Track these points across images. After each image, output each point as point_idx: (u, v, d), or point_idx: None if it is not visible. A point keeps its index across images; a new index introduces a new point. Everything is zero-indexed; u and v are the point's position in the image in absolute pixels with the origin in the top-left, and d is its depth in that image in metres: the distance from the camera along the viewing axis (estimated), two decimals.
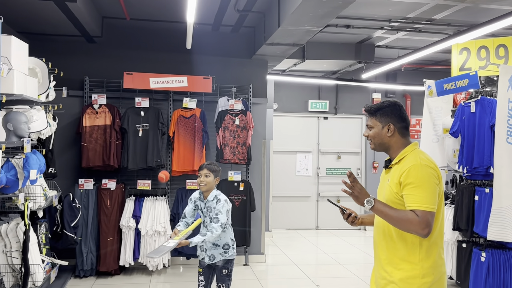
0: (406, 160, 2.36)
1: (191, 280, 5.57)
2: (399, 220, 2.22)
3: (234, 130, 5.95)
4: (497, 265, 4.70)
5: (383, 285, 2.38)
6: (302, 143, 9.30)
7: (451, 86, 5.27)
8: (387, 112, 2.45)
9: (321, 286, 5.46)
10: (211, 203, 3.59)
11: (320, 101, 9.26)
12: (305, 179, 9.35)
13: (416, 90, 9.19)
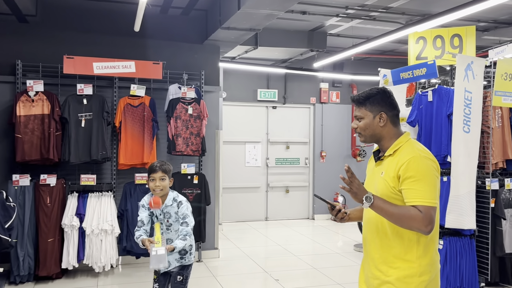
0: (402, 151, 2.19)
1: (141, 281, 5.21)
2: (401, 217, 2.06)
3: (187, 120, 5.60)
4: (454, 252, 4.77)
5: (377, 285, 2.21)
6: (251, 133, 9.09)
7: (408, 75, 5.25)
8: (377, 99, 2.26)
9: (280, 279, 5.30)
10: (170, 208, 3.21)
11: (269, 90, 9.08)
12: (255, 169, 9.17)
13: (363, 80, 9.29)
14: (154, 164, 3.19)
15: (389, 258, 2.18)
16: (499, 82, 4.86)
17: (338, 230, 8.43)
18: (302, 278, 5.44)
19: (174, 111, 5.55)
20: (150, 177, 3.17)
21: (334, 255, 6.54)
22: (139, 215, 3.24)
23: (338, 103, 9.48)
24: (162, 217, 3.22)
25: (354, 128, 2.36)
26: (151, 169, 3.18)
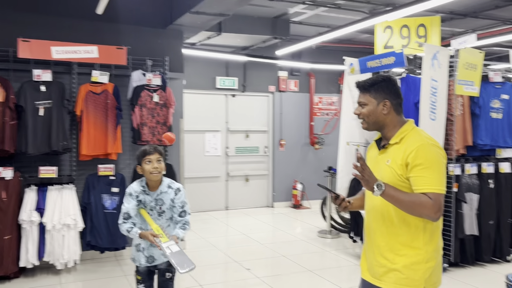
0: (409, 139, 2.19)
1: (106, 276, 4.99)
2: (411, 204, 2.06)
3: (152, 108, 5.38)
4: None
5: (383, 273, 2.22)
6: (210, 121, 8.93)
7: (376, 63, 5.34)
8: (382, 87, 2.25)
9: (251, 268, 5.27)
10: (165, 195, 3.03)
11: (228, 78, 8.94)
12: (214, 159, 9.04)
13: (322, 68, 9.37)
14: (147, 147, 3.01)
15: (396, 246, 2.19)
16: (461, 72, 5.05)
17: (297, 217, 8.52)
18: (273, 266, 5.44)
19: (139, 99, 5.31)
20: (145, 160, 2.96)
21: (300, 242, 6.60)
22: (125, 205, 2.99)
23: (297, 92, 9.52)
24: (154, 204, 3.02)
25: (357, 114, 2.33)
26: (144, 152, 2.98)
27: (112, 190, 5.19)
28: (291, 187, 9.41)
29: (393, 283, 2.18)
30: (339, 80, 9.85)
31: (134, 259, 3.11)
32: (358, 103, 2.32)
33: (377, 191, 2.08)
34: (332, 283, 4.84)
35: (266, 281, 4.85)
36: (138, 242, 3.07)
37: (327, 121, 9.76)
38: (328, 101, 9.83)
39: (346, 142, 6.01)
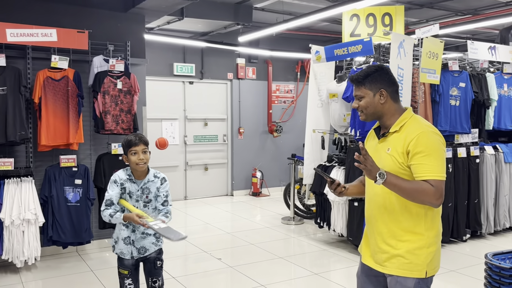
0: (409, 127, 2.21)
1: (71, 273, 4.75)
2: (413, 191, 2.08)
3: (116, 95, 5.13)
4: None
5: (386, 258, 2.24)
6: (167, 109, 8.70)
7: (343, 51, 5.38)
8: (376, 77, 2.26)
9: (222, 258, 5.22)
10: (151, 184, 2.96)
11: (185, 64, 8.73)
12: (172, 148, 8.82)
13: (278, 56, 9.37)
14: (132, 137, 2.91)
15: (398, 232, 2.21)
16: (424, 60, 5.21)
17: (257, 204, 8.54)
18: (244, 254, 5.41)
19: (102, 86, 5.05)
20: (131, 151, 2.88)
21: (265, 229, 6.61)
22: (109, 192, 2.91)
23: (255, 79, 9.47)
24: (140, 193, 2.94)
25: (355, 107, 2.33)
26: (130, 143, 2.89)
27: (75, 182, 4.93)
28: (250, 175, 9.40)
29: (396, 268, 2.21)
30: (296, 68, 9.92)
31: (123, 252, 2.98)
32: (355, 96, 2.32)
33: (380, 180, 2.09)
34: (305, 268, 4.89)
35: (240, 270, 4.82)
36: (126, 235, 2.97)
37: (285, 109, 9.80)
38: (285, 88, 9.87)
39: (312, 130, 6.06)
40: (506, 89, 6.13)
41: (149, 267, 3.05)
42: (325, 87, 6.01)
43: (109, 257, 5.26)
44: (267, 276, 4.67)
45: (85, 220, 4.96)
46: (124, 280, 3.01)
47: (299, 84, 9.98)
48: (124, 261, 3.00)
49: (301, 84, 9.99)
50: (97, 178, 5.09)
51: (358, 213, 5.31)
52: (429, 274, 2.18)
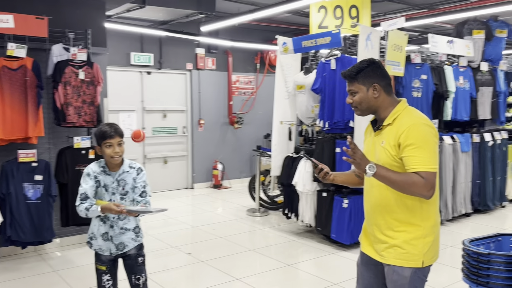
0: (401, 119, 2.23)
1: (32, 274, 4.49)
2: (404, 184, 2.11)
3: (78, 86, 4.87)
4: (356, 209, 5.18)
5: (383, 248, 2.27)
6: (125, 100, 8.38)
7: (311, 43, 5.40)
8: (368, 72, 2.26)
9: (192, 253, 5.12)
10: (127, 175, 2.84)
11: (143, 54, 8.45)
12: (130, 140, 8.49)
13: (238, 47, 9.27)
14: (107, 129, 2.77)
15: (394, 223, 2.24)
16: (390, 52, 5.31)
17: (220, 196, 8.48)
18: (214, 248, 5.34)
19: (63, 76, 4.77)
20: (105, 143, 2.75)
21: (232, 222, 6.56)
22: (82, 186, 2.77)
23: (215, 70, 9.34)
24: (116, 185, 2.81)
25: (350, 103, 2.32)
26: (104, 135, 2.75)
27: (35, 178, 4.64)
28: (211, 168, 9.29)
29: (393, 257, 2.23)
30: (256, 59, 9.87)
31: (101, 249, 2.86)
32: (348, 91, 2.31)
33: (369, 172, 2.11)
34: (277, 260, 4.89)
35: (212, 264, 4.75)
36: (104, 231, 2.85)
37: (245, 101, 9.75)
38: (245, 80, 9.81)
39: (280, 121, 6.05)
40: (462, 81, 6.39)
41: (130, 264, 2.93)
42: (292, 79, 6.01)
43: (72, 256, 5.03)
44: (240, 269, 4.63)
45: (47, 218, 4.70)
46: (101, 277, 2.90)
47: (258, 75, 9.95)
48: (101, 257, 2.90)
49: (261, 75, 9.96)
50: (59, 174, 4.83)
51: (327, 203, 5.38)
52: (426, 264, 2.22)
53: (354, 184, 2.61)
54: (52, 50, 4.87)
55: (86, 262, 4.84)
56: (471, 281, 2.94)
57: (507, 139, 7.02)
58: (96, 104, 5.00)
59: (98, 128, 2.84)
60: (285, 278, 4.50)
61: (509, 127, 7.25)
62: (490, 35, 6.70)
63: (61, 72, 4.75)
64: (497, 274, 2.80)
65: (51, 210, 4.76)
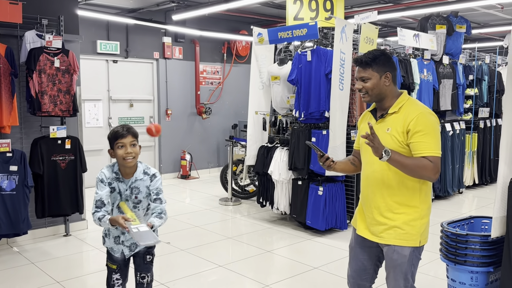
0: (407, 108, 2.38)
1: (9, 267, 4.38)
2: (415, 167, 2.26)
3: (53, 74, 4.74)
4: (331, 196, 5.38)
5: (383, 230, 2.42)
6: (90, 89, 8.18)
7: (287, 34, 5.50)
8: (383, 61, 2.40)
9: (171, 242, 5.14)
10: (140, 182, 2.68)
11: (110, 42, 8.27)
12: (96, 131, 8.38)
13: (205, 36, 9.24)
14: (119, 128, 2.62)
15: (395, 206, 2.40)
16: (362, 45, 5.51)
17: (189, 187, 8.49)
18: (192, 237, 5.38)
19: (37, 64, 4.63)
20: (117, 144, 2.60)
21: (205, 211, 6.61)
22: (98, 193, 2.61)
23: (182, 59, 9.28)
24: (129, 193, 2.68)
25: (359, 89, 2.44)
26: (116, 135, 2.61)
27: (10, 169, 4.49)
28: (179, 158, 9.26)
29: (393, 238, 2.39)
30: (223, 49, 9.88)
31: (113, 249, 2.80)
32: (360, 78, 2.43)
33: (385, 156, 2.24)
34: (257, 247, 5.01)
35: (194, 253, 4.80)
36: (116, 235, 2.76)
37: (213, 91, 9.75)
38: (212, 70, 9.80)
39: (255, 111, 6.13)
40: (425, 74, 6.71)
41: (138, 261, 2.85)
42: (266, 70, 6.10)
43: (47, 247, 4.93)
44: (221, 257, 4.71)
45: (23, 210, 4.57)
46: (112, 275, 2.82)
47: (226, 65, 9.97)
48: (112, 256, 2.81)
49: (228, 65, 9.98)
50: (34, 164, 4.70)
51: (302, 191, 5.54)
52: (422, 243, 2.40)
53: (350, 172, 2.76)
54: (25, 36, 4.71)
55: (63, 254, 4.78)
56: (449, 260, 3.16)
57: (465, 129, 7.46)
58: (72, 93, 4.90)
59: (110, 130, 2.69)
60: (267, 263, 4.62)
61: (466, 117, 7.68)
62: (451, 30, 7.06)
63: (35, 59, 4.61)
64: (474, 253, 3.04)
65: (27, 201, 4.64)
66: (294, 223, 5.82)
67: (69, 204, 4.93)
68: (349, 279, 2.69)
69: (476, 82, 7.73)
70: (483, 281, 3.03)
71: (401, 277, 2.41)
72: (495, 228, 2.85)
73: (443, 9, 6.99)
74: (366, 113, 2.59)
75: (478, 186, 8.06)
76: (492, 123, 8.06)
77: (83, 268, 4.57)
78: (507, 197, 2.76)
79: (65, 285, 3.98)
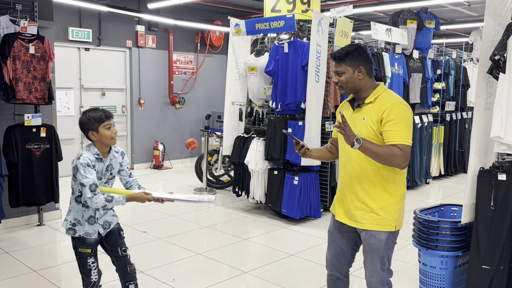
0: (382, 99, 2.49)
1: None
2: (385, 155, 2.37)
3: (28, 61, 4.65)
4: (305, 186, 5.52)
5: (361, 215, 2.53)
6: (62, 77, 8.00)
7: (264, 26, 5.56)
8: (356, 55, 2.50)
9: (147, 231, 5.16)
10: (114, 160, 2.85)
11: (81, 29, 8.11)
12: (67, 119, 8.23)
13: (178, 25, 9.18)
14: (103, 111, 2.74)
15: (371, 192, 2.51)
16: (337, 38, 5.64)
17: (162, 177, 8.48)
18: (169, 226, 5.41)
19: (12, 50, 4.53)
20: (105, 126, 2.70)
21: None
22: (88, 177, 2.65)
23: (155, 48, 9.19)
24: (105, 171, 2.80)
25: (335, 82, 2.55)
26: (101, 117, 2.70)
27: None
28: (151, 148, 9.21)
29: (370, 223, 2.51)
30: (196, 39, 9.84)
31: (88, 233, 2.81)
32: (335, 72, 2.53)
33: (357, 144, 2.35)
34: (234, 235, 5.09)
35: (171, 241, 4.84)
36: (89, 215, 2.81)
37: (186, 81, 9.72)
38: (186, 59, 9.76)
39: (231, 102, 6.18)
40: (396, 67, 6.92)
41: (114, 238, 2.92)
42: (243, 60, 6.15)
43: (21, 237, 4.87)
44: (199, 245, 4.77)
45: None
46: (87, 260, 2.84)
47: (199, 55, 9.94)
48: (87, 240, 2.83)
49: (202, 55, 9.96)
50: (8, 152, 4.61)
51: (278, 180, 5.65)
52: (397, 228, 2.54)
53: (326, 159, 2.86)
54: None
55: (38, 243, 4.73)
56: (421, 245, 3.33)
57: (433, 121, 7.75)
58: (48, 80, 4.82)
59: (88, 115, 2.74)
60: (245, 251, 4.72)
61: (434, 110, 7.97)
62: (421, 25, 7.28)
63: (9, 45, 4.51)
64: (444, 238, 3.21)
65: (1, 190, 4.53)
66: (269, 212, 5.93)
67: (44, 193, 4.87)
68: (328, 263, 2.81)
69: (443, 76, 8.02)
70: (452, 265, 3.22)
71: (378, 260, 2.54)
72: (465, 215, 3.02)
73: (414, 5, 7.20)
74: (344, 103, 2.70)
75: (443, 177, 8.40)
76: (457, 116, 8.39)
77: (58, 258, 4.54)
78: (476, 185, 2.93)
79: (41, 273, 3.96)
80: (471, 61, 8.92)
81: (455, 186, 7.76)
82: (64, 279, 3.93)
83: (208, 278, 3.94)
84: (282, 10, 5.72)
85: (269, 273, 4.07)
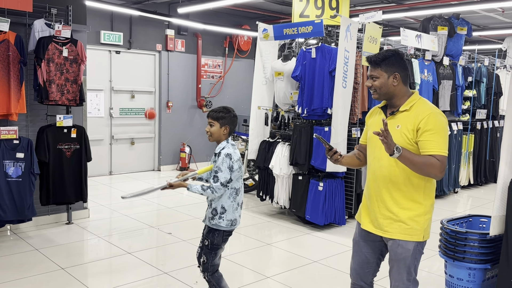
0: (418, 108, 2.45)
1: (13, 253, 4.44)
2: (423, 165, 2.34)
3: (61, 64, 4.79)
4: (331, 192, 5.48)
5: (388, 223, 2.50)
6: (93, 79, 8.19)
7: (292, 31, 5.57)
8: (392, 61, 2.48)
9: (172, 232, 5.22)
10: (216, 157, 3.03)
11: (113, 32, 8.30)
12: (97, 120, 8.42)
13: (207, 30, 9.28)
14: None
15: (400, 201, 2.48)
16: (366, 44, 5.59)
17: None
18: (194, 228, 5.45)
19: (46, 52, 4.67)
20: None
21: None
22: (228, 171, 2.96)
23: (184, 52, 9.32)
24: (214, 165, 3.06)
25: (369, 86, 2.52)
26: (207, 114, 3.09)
27: (17, 156, 4.54)
28: (178, 150, 9.33)
29: (398, 233, 2.48)
30: (225, 43, 9.93)
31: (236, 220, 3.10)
32: (370, 76, 2.51)
33: (396, 153, 2.32)
34: (257, 240, 5.10)
35: (195, 243, 4.87)
36: (239, 202, 3.08)
37: (213, 84, 9.81)
38: (214, 63, 9.85)
39: (258, 106, 6.20)
40: (426, 74, 6.81)
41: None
42: (270, 65, 6.16)
43: (50, 235, 5.00)
44: None
45: (28, 197, 4.62)
46: (222, 246, 3.10)
47: (227, 59, 10.02)
48: (231, 232, 3.11)
49: (229, 60, 10.03)
50: (41, 152, 4.76)
51: (303, 186, 5.63)
52: (425, 238, 2.49)
53: (354, 166, 2.84)
54: (34, 25, 4.74)
55: (66, 241, 4.85)
56: (448, 256, 3.27)
57: (462, 130, 7.58)
58: (79, 82, 4.95)
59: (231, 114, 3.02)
60: (268, 256, 4.72)
61: (464, 118, 7.80)
62: (452, 31, 7.15)
63: (44, 48, 4.65)
64: (472, 250, 3.14)
65: (33, 188, 4.69)
66: (293, 217, 5.92)
67: (73, 192, 4.99)
68: (352, 271, 2.78)
69: (475, 84, 7.85)
70: (480, 278, 3.14)
71: (404, 270, 2.50)
72: (494, 227, 2.95)
73: (445, 11, 7.08)
74: (375, 109, 2.67)
75: (473, 186, 8.20)
76: (488, 124, 8.18)
77: (85, 256, 4.64)
78: (507, 197, 2.85)
79: (69, 271, 4.06)
80: (504, 68, 8.69)
81: (485, 196, 7.56)
82: (91, 278, 4.01)
83: (230, 282, 3.95)
84: (311, 16, 5.72)
85: (292, 279, 4.06)
